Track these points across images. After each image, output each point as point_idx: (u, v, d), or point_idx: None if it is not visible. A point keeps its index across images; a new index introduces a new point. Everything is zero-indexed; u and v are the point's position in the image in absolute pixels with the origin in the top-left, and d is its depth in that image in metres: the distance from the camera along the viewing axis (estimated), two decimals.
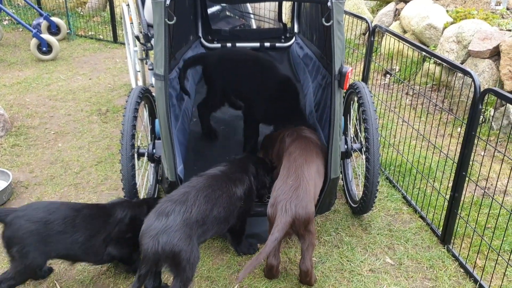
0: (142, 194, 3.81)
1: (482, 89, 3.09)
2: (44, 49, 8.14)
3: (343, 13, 3.11)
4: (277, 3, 6.35)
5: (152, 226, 2.71)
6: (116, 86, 7.09)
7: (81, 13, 11.51)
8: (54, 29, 9.46)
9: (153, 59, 3.13)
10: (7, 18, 10.70)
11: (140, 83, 5.96)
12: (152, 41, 4.49)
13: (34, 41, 8.07)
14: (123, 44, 8.02)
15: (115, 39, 9.58)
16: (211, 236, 3.10)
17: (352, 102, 4.14)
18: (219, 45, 5.98)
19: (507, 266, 3.24)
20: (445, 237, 3.59)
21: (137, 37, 5.06)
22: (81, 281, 3.22)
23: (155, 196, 4.10)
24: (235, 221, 3.24)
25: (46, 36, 8.22)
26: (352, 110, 4.21)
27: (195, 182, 3.08)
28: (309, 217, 3.01)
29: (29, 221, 2.80)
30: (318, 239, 3.65)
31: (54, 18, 9.55)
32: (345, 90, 3.42)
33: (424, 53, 4.34)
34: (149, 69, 5.04)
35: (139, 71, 5.70)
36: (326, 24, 3.09)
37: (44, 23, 9.34)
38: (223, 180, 3.17)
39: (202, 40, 5.95)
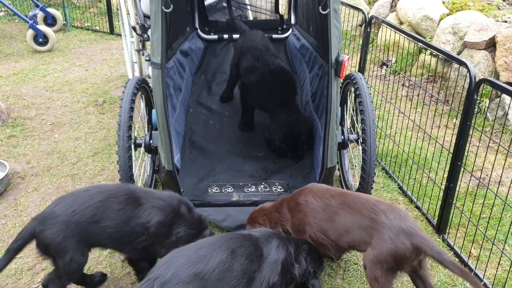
0: (139, 185, 3.82)
1: (477, 80, 3.11)
2: (40, 40, 8.11)
3: (339, 1, 3.13)
4: None
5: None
6: (112, 77, 7.07)
7: (77, 4, 11.45)
8: (50, 20, 9.42)
9: (150, 48, 3.13)
10: (3, 9, 10.63)
11: (136, 74, 5.95)
12: (149, 32, 4.51)
13: (30, 32, 8.03)
14: (120, 35, 7.98)
15: (112, 30, 9.54)
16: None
17: (349, 93, 4.15)
18: (216, 36, 5.98)
19: (501, 256, 3.27)
20: (440, 226, 3.62)
21: (134, 28, 5.05)
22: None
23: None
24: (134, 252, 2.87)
25: (42, 27, 8.19)
26: (349, 101, 4.22)
27: None
28: None
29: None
30: None
31: (50, 9, 9.51)
32: (341, 79, 3.43)
33: (420, 44, 4.35)
34: (146, 60, 5.03)
35: (135, 62, 5.68)
36: (323, 12, 3.10)
37: (40, 14, 9.30)
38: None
39: (199, 31, 5.95)
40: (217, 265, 2.34)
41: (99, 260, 3.34)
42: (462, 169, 3.40)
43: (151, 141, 3.73)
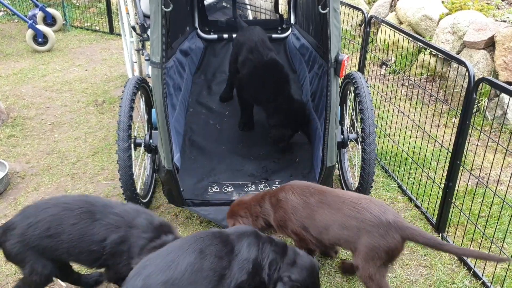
0: (139, 184, 3.83)
1: (476, 79, 3.12)
2: (40, 40, 8.11)
3: (339, 1, 3.14)
4: None
5: None
6: (112, 77, 7.08)
7: (77, 4, 11.45)
8: (49, 20, 9.42)
9: (150, 47, 3.14)
10: (2, 9, 10.64)
11: (136, 73, 5.95)
12: (149, 32, 4.52)
13: (29, 32, 8.04)
14: (119, 35, 7.98)
15: (111, 30, 9.54)
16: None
17: (348, 92, 4.15)
18: (215, 36, 5.99)
19: (500, 254, 3.27)
20: (440, 225, 3.63)
21: (134, 28, 5.05)
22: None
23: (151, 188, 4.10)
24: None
25: (41, 27, 8.19)
26: (348, 100, 4.22)
27: None
28: None
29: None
30: None
31: (49, 9, 9.51)
32: (341, 78, 3.44)
33: (420, 44, 4.36)
34: (146, 60, 5.03)
35: (135, 62, 5.69)
36: (323, 11, 3.11)
37: (39, 14, 9.30)
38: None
39: (199, 31, 5.96)
40: (186, 268, 2.30)
41: None
42: (461, 168, 3.40)
43: (151, 141, 3.74)
